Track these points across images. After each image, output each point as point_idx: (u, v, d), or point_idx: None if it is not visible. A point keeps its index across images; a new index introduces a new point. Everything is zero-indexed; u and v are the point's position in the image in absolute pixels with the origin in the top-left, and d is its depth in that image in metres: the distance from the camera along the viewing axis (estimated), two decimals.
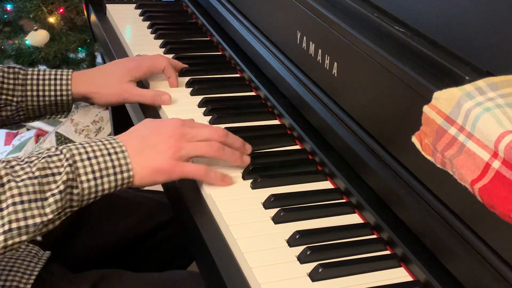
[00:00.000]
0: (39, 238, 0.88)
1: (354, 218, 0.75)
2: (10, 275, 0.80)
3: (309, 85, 0.88)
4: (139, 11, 1.32)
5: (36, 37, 2.02)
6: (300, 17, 0.89)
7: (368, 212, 0.74)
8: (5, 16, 2.15)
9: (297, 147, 0.89)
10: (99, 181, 0.72)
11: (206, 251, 0.70)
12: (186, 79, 1.04)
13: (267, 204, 0.75)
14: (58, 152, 0.71)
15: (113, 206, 1.05)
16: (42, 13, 2.06)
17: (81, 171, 0.71)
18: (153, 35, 1.22)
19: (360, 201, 0.75)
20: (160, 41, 1.18)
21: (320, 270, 0.65)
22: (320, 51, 0.84)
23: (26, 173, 0.67)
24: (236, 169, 0.81)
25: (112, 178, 0.72)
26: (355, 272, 0.67)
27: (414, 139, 0.63)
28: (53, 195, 0.68)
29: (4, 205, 0.65)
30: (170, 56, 1.12)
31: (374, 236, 0.72)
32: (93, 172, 0.71)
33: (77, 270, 0.88)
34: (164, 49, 1.15)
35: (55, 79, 0.97)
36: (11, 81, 0.96)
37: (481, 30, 0.69)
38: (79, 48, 2.14)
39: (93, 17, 1.35)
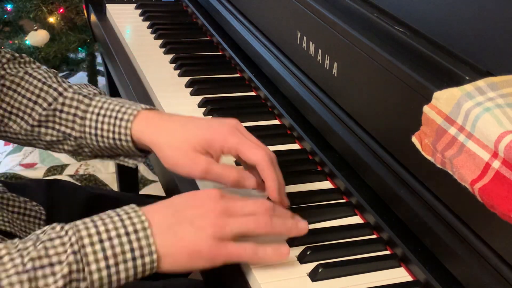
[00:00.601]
0: None
1: (354, 218, 0.75)
2: None
3: (309, 85, 0.88)
4: (139, 11, 1.32)
5: (36, 37, 2.03)
6: (300, 17, 0.89)
7: (368, 212, 0.74)
8: (5, 16, 2.16)
9: (297, 147, 0.89)
10: (113, 270, 0.58)
11: None
12: (186, 79, 1.04)
13: None
14: (62, 233, 0.58)
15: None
16: (42, 13, 2.07)
17: (91, 258, 0.57)
18: (153, 35, 1.22)
19: (360, 201, 0.75)
20: (160, 41, 1.18)
21: (320, 270, 0.65)
22: (320, 51, 0.84)
23: (15, 266, 0.55)
24: None
25: (130, 264, 0.58)
26: (355, 272, 0.67)
27: (414, 139, 0.63)
28: None
29: None
30: (170, 56, 1.12)
31: (374, 236, 0.72)
32: (105, 258, 0.57)
33: None
34: (164, 49, 1.15)
35: (116, 117, 0.76)
36: (72, 111, 0.78)
37: (481, 30, 0.69)
38: (79, 48, 2.14)
39: (93, 17, 1.35)
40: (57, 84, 0.81)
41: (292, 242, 0.69)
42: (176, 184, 0.81)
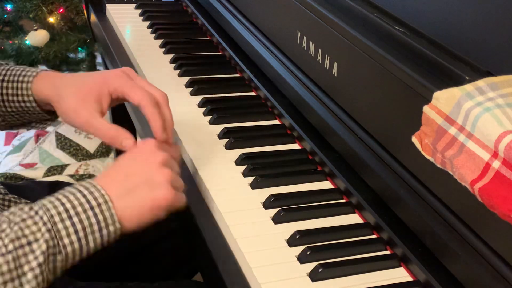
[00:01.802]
0: None
1: (354, 218, 0.75)
2: None
3: (309, 85, 0.88)
4: (139, 11, 1.32)
5: (36, 37, 2.02)
6: (300, 17, 0.89)
7: (368, 212, 0.74)
8: (5, 16, 2.16)
9: (297, 147, 0.89)
10: (83, 242, 0.63)
11: (206, 252, 0.70)
12: (186, 79, 1.04)
13: (267, 204, 0.75)
14: (32, 214, 0.61)
15: None
16: (42, 13, 2.06)
17: (63, 233, 0.61)
18: (153, 35, 1.22)
19: (360, 201, 0.75)
20: (160, 41, 1.18)
21: (320, 270, 0.65)
22: (320, 51, 0.84)
23: None
24: (236, 168, 0.81)
25: (97, 235, 0.64)
26: (355, 272, 0.67)
27: (414, 139, 0.63)
28: (31, 269, 0.59)
29: None
30: (170, 56, 1.12)
31: (374, 236, 0.72)
32: (76, 232, 0.62)
33: (81, 279, 0.87)
34: (164, 49, 1.15)
35: (18, 81, 0.80)
36: None
37: (481, 30, 0.69)
38: (79, 48, 2.14)
39: (93, 17, 1.35)
40: None
41: (293, 242, 0.69)
42: None
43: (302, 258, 0.67)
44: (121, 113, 1.37)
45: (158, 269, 1.06)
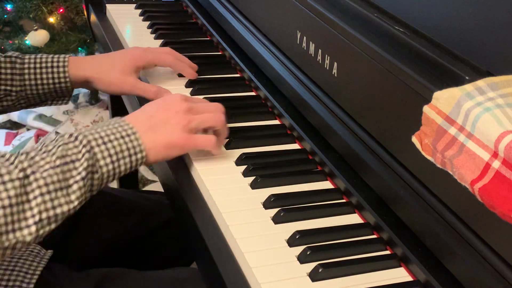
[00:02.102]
0: None
1: (354, 218, 0.75)
2: (12, 275, 0.80)
3: (309, 85, 0.88)
4: (139, 11, 1.32)
5: (36, 37, 2.02)
6: (300, 17, 0.89)
7: (368, 212, 0.74)
8: (5, 16, 2.15)
9: (297, 147, 0.89)
10: (116, 164, 0.73)
11: (206, 252, 0.70)
12: (186, 79, 1.04)
13: (267, 204, 0.75)
14: (72, 139, 0.71)
15: (112, 208, 1.04)
16: (42, 13, 2.06)
17: (99, 156, 0.72)
18: (153, 35, 1.22)
19: (360, 201, 0.75)
20: (160, 41, 1.18)
21: (320, 270, 0.65)
22: (320, 51, 0.84)
23: (48, 162, 0.68)
24: (236, 168, 0.81)
25: (127, 160, 0.74)
26: (355, 272, 0.67)
27: (414, 139, 0.63)
28: (76, 182, 0.69)
29: (31, 196, 0.66)
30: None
31: (374, 236, 0.72)
32: (110, 156, 0.73)
33: (79, 269, 0.88)
34: None
35: (52, 66, 0.97)
36: (9, 71, 0.95)
37: (481, 30, 0.69)
38: (79, 48, 2.14)
39: (93, 17, 1.35)
40: None
41: (293, 242, 0.69)
42: (175, 183, 0.81)
43: (302, 258, 0.67)
44: (120, 107, 1.38)
45: (157, 259, 1.07)
